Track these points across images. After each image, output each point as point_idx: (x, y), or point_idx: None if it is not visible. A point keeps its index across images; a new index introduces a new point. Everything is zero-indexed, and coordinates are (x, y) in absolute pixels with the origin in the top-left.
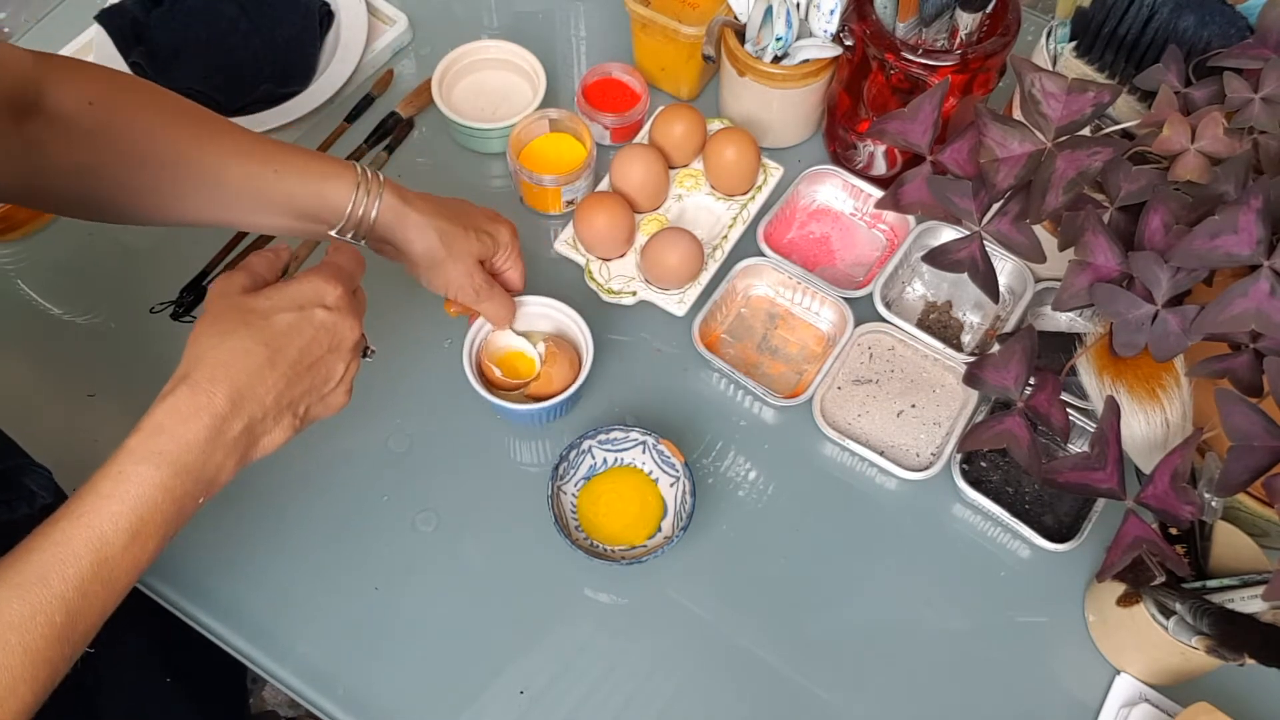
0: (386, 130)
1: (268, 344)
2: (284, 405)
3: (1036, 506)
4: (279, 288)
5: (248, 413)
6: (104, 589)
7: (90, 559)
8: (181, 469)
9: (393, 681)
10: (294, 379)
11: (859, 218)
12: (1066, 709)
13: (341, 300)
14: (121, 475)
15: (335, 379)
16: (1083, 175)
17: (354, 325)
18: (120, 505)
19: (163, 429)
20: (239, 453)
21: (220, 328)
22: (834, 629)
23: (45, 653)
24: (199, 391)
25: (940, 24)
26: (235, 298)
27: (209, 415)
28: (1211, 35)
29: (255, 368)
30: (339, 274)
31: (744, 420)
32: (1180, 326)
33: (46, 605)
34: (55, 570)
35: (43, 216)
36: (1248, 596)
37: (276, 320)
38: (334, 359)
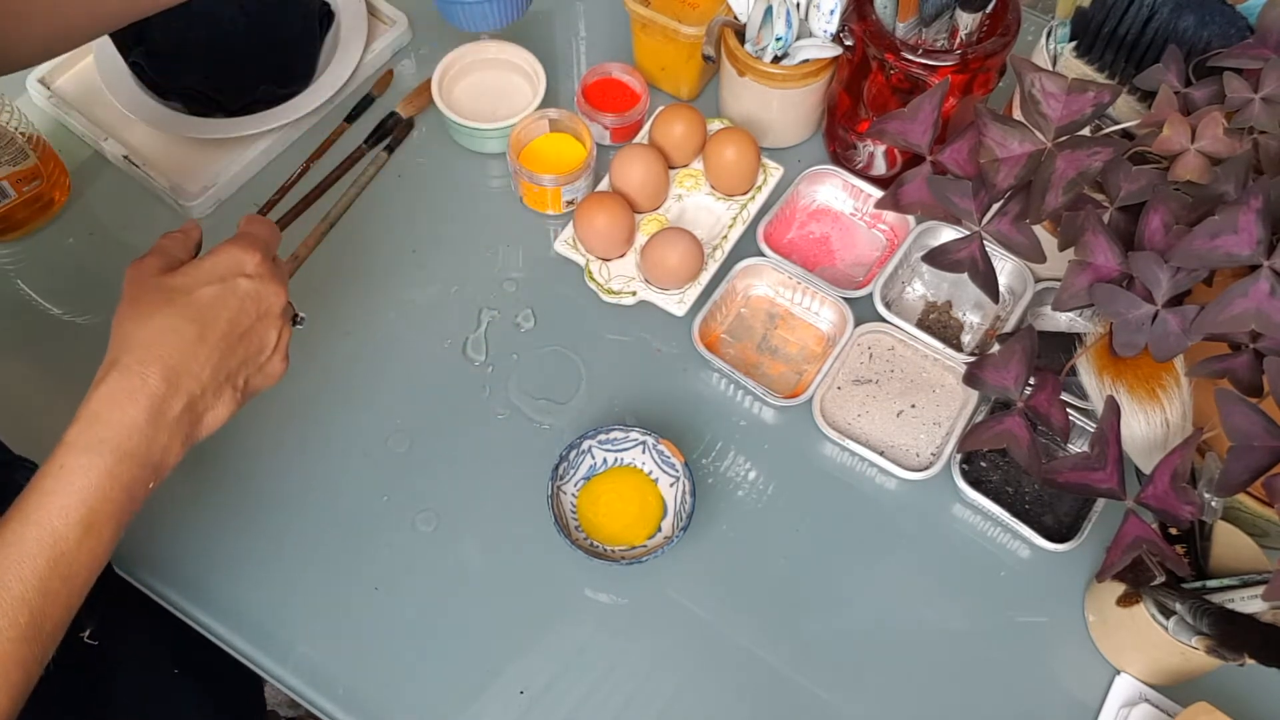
0: (386, 130)
1: (195, 319)
2: (222, 379)
3: (1036, 506)
4: (196, 263)
5: (186, 390)
6: (64, 585)
7: (45, 557)
8: (125, 454)
9: (393, 681)
10: (227, 351)
11: (859, 218)
12: (1066, 709)
13: (262, 267)
14: (64, 469)
15: (269, 347)
16: (1083, 175)
17: (279, 291)
18: (68, 499)
19: (100, 417)
20: (183, 432)
21: (142, 309)
22: (834, 629)
23: (14, 655)
24: (131, 374)
25: (940, 24)
26: (153, 279)
27: (145, 397)
28: (1211, 35)
29: (186, 344)
30: (254, 242)
31: (744, 420)
32: (1180, 326)
33: (9, 608)
34: (12, 572)
35: (43, 217)
36: (1248, 596)
37: (200, 294)
38: (264, 326)
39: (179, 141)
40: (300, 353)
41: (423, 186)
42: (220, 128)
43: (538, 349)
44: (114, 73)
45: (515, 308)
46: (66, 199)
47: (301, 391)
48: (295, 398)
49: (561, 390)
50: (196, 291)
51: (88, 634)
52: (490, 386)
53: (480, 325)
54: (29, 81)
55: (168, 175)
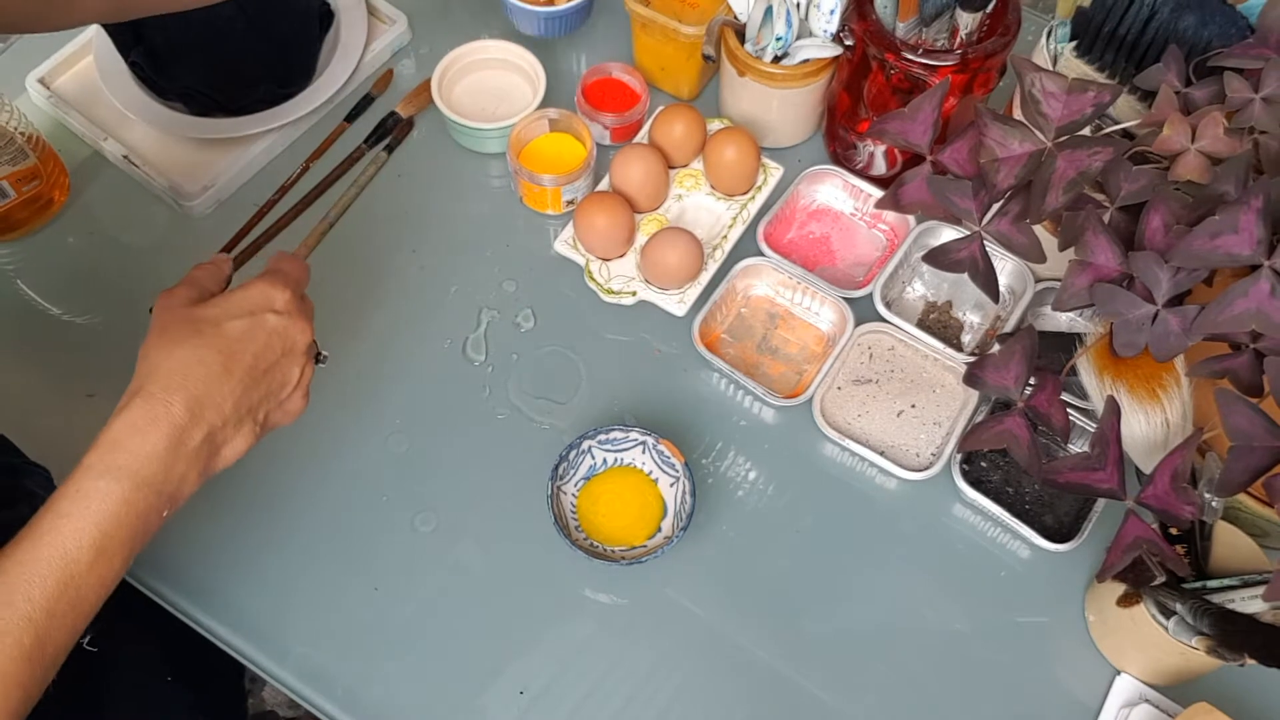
0: (386, 130)
1: (221, 351)
2: (243, 412)
3: (1037, 506)
4: (226, 296)
5: (207, 421)
6: (71, 608)
7: (55, 578)
8: (142, 482)
9: (392, 682)
10: (251, 385)
11: (859, 218)
12: (1066, 709)
13: (290, 304)
14: (80, 492)
15: (291, 383)
16: (1083, 175)
17: (305, 329)
18: (82, 522)
19: (120, 443)
20: (201, 463)
21: (171, 338)
22: (834, 629)
23: (16, 676)
24: (155, 402)
25: (940, 24)
26: (183, 309)
27: (167, 425)
28: (1212, 35)
29: (211, 375)
30: (285, 279)
31: (744, 420)
32: (1180, 326)
33: (14, 627)
34: (21, 591)
35: (42, 216)
36: (1248, 597)
37: (228, 327)
38: (288, 363)
39: (178, 141)
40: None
41: (423, 186)
42: (220, 127)
43: (538, 349)
44: (113, 72)
45: (515, 308)
46: (66, 199)
47: None
48: None
49: (561, 390)
50: (225, 324)
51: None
52: (490, 386)
53: (480, 325)
54: (29, 81)
55: (167, 175)
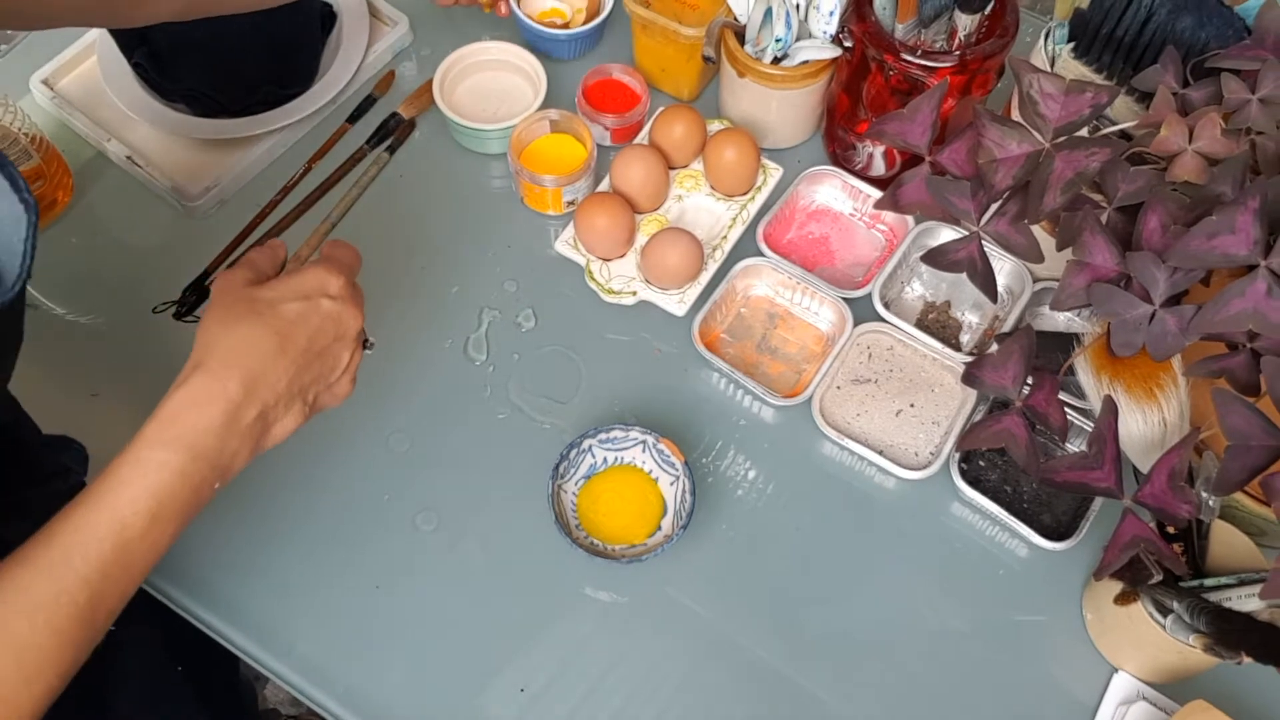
0: (388, 131)
1: (277, 332)
2: (295, 392)
3: (1034, 505)
4: (283, 279)
5: (261, 399)
6: (124, 572)
7: (111, 542)
8: (198, 454)
9: (394, 679)
10: (304, 366)
11: (858, 218)
12: (1064, 707)
13: (344, 290)
14: (139, 461)
15: (341, 367)
16: (1081, 176)
17: (356, 315)
18: (139, 490)
19: (178, 416)
20: (253, 439)
21: (229, 318)
22: (833, 627)
23: (71, 633)
24: (213, 379)
25: (939, 25)
26: (241, 289)
27: (224, 401)
28: (1209, 36)
29: (267, 355)
30: (339, 266)
31: (744, 420)
32: (1178, 326)
33: (71, 586)
34: (78, 552)
35: (47, 217)
36: (1245, 595)
37: (284, 309)
38: (340, 347)
39: (181, 142)
40: None
41: (424, 187)
42: (222, 128)
43: (538, 349)
44: (117, 74)
45: (516, 308)
46: (69, 199)
47: None
48: None
49: (562, 390)
50: (281, 306)
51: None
52: (491, 386)
53: (481, 325)
54: (32, 82)
55: (170, 175)
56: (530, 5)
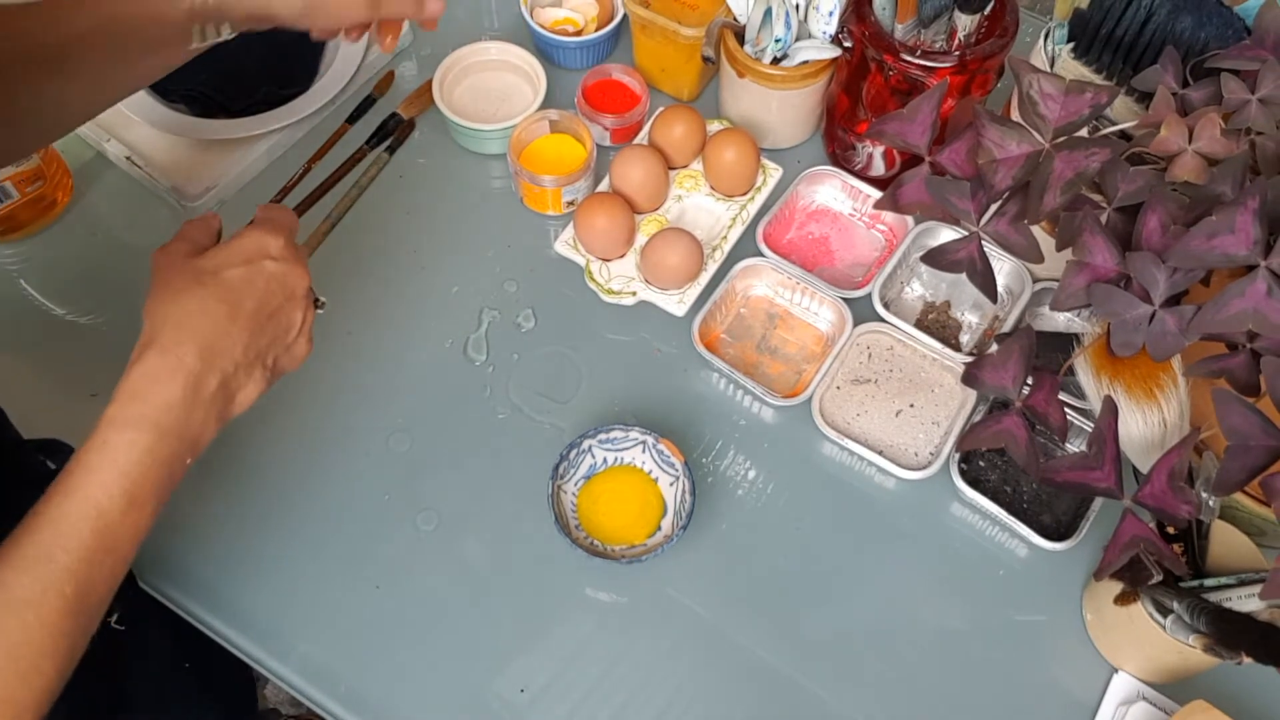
0: (388, 131)
1: (225, 299)
2: (253, 357)
3: (1034, 505)
4: (223, 246)
5: (220, 368)
6: (108, 558)
7: (90, 529)
8: (165, 430)
9: (394, 680)
10: (257, 330)
11: (858, 218)
12: (1064, 707)
13: (286, 250)
14: (106, 445)
15: (295, 327)
16: (1080, 176)
17: (302, 273)
18: (110, 473)
19: (139, 394)
20: (217, 409)
21: (174, 290)
22: (833, 627)
23: (61, 625)
24: (168, 353)
25: (939, 25)
26: (181, 262)
27: (183, 374)
28: (1209, 36)
29: (219, 323)
30: (277, 226)
31: (743, 420)
32: (1177, 326)
33: (56, 579)
34: (59, 545)
35: (45, 217)
36: (1245, 595)
37: (228, 275)
38: (291, 307)
39: (181, 142)
40: None
41: (424, 187)
42: (222, 129)
43: (538, 349)
44: None
45: (516, 308)
46: (69, 200)
47: (303, 391)
48: (297, 397)
49: (562, 390)
50: (225, 273)
51: (115, 619)
52: (491, 386)
53: (481, 325)
54: None
55: (170, 176)
56: (542, 14)
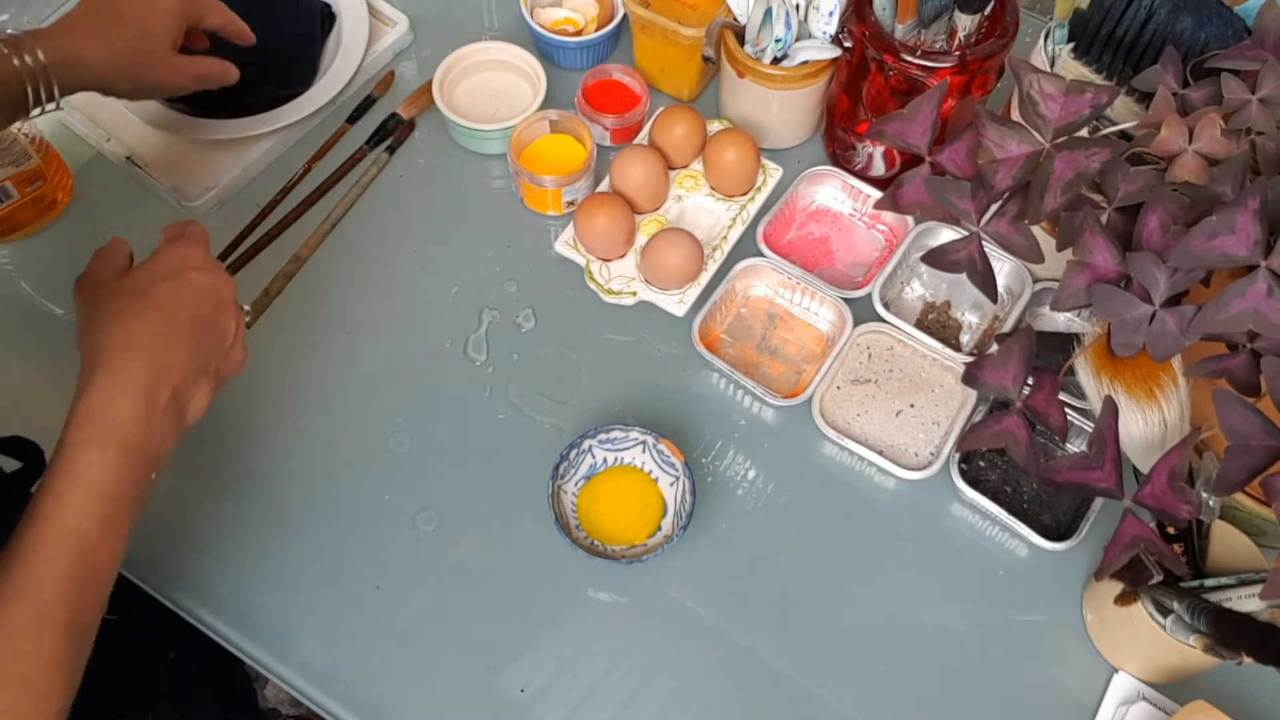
0: (388, 131)
1: (160, 313)
2: (198, 366)
3: (1035, 506)
4: (144, 265)
5: (169, 380)
6: (92, 580)
7: (71, 555)
8: (129, 446)
9: (394, 679)
10: (197, 340)
11: (858, 218)
12: (1064, 707)
13: (207, 261)
14: (72, 468)
15: (230, 334)
16: (1081, 176)
17: (227, 281)
18: (83, 495)
19: (96, 415)
20: (173, 420)
21: (108, 314)
22: (833, 627)
23: (61, 652)
24: (117, 372)
25: (939, 25)
26: (107, 285)
27: (133, 391)
28: (1209, 37)
29: (159, 337)
30: (191, 239)
31: (743, 420)
32: (1178, 326)
33: (48, 608)
34: (45, 573)
35: (45, 217)
36: (1245, 595)
37: (157, 291)
38: (223, 315)
39: (181, 142)
40: (302, 352)
41: (424, 187)
42: (222, 129)
43: (538, 349)
44: None
45: (516, 308)
46: (69, 200)
47: (303, 391)
48: (297, 398)
49: (562, 390)
50: (153, 289)
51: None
52: (491, 386)
53: (481, 325)
54: None
55: (170, 176)
56: (542, 14)
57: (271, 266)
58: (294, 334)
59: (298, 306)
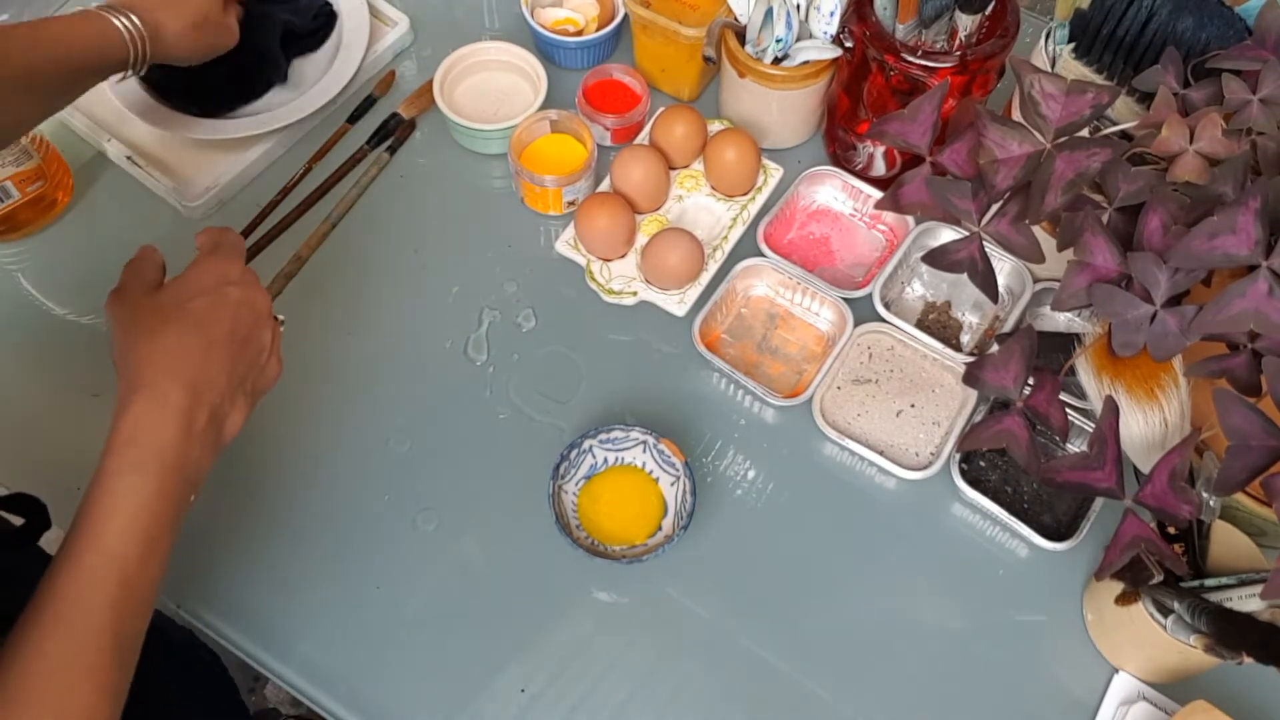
0: (388, 131)
1: (198, 331)
2: (235, 385)
3: (1035, 506)
4: (181, 279)
5: (208, 401)
6: (134, 605)
7: (114, 580)
8: (167, 470)
9: (395, 679)
10: (235, 357)
11: (858, 218)
12: (1065, 707)
13: (246, 274)
14: (113, 491)
15: (267, 348)
16: (1081, 176)
17: (263, 294)
18: (123, 520)
19: (135, 439)
20: (211, 442)
21: (145, 331)
22: (833, 627)
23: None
24: (157, 393)
25: (940, 25)
26: (142, 300)
27: (173, 413)
28: (1210, 37)
29: (198, 357)
30: (230, 250)
31: (744, 420)
32: (1178, 326)
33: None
34: (87, 597)
35: (46, 217)
36: (1245, 595)
37: (194, 307)
38: (261, 330)
39: (182, 142)
40: (302, 352)
41: (424, 187)
42: (223, 128)
43: (539, 349)
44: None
45: (516, 308)
46: (69, 199)
47: (303, 391)
48: (297, 398)
49: (562, 390)
50: (189, 305)
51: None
52: (491, 386)
53: (481, 325)
54: None
55: (170, 176)
56: (543, 14)
57: (272, 266)
58: (294, 334)
59: (298, 306)
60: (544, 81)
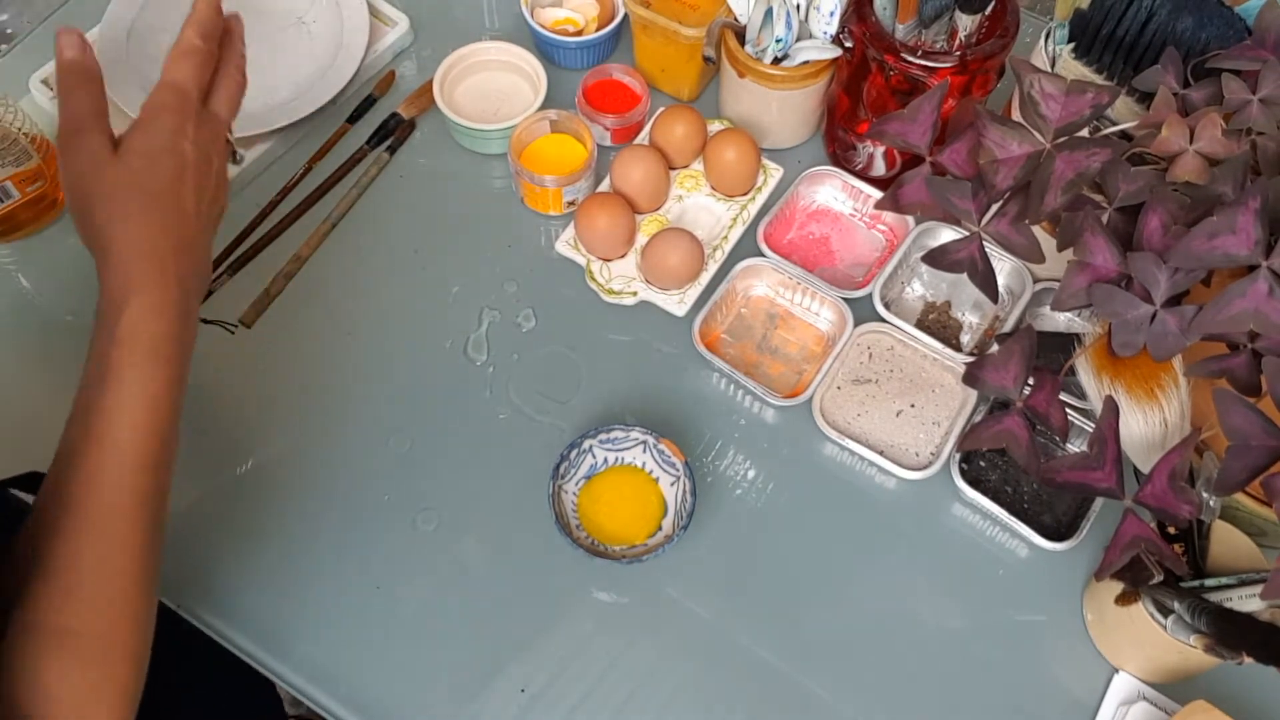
0: (388, 131)
1: (176, 214)
2: (209, 247)
3: (1035, 506)
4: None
5: (196, 288)
6: (156, 497)
7: (133, 474)
8: (173, 360)
9: (395, 679)
10: (207, 221)
11: (858, 218)
12: (1064, 707)
13: (198, 123)
14: (122, 382)
15: (224, 185)
16: (1081, 176)
17: (217, 132)
18: (138, 413)
19: (137, 336)
20: (196, 313)
21: (124, 212)
22: (833, 627)
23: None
24: (150, 293)
25: (939, 25)
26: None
27: (172, 308)
28: (1210, 37)
29: (183, 239)
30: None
31: (744, 420)
32: (1178, 326)
33: (127, 531)
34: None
35: (46, 217)
36: (1245, 595)
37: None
38: (223, 183)
39: None
40: (302, 352)
41: (424, 187)
42: None
43: (539, 349)
44: (116, 73)
45: (516, 308)
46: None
47: (303, 391)
48: (297, 397)
49: (562, 390)
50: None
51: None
52: (491, 386)
53: (481, 325)
54: (32, 82)
55: None
56: (543, 14)
57: (272, 266)
58: (294, 334)
59: (298, 306)
60: (544, 81)
